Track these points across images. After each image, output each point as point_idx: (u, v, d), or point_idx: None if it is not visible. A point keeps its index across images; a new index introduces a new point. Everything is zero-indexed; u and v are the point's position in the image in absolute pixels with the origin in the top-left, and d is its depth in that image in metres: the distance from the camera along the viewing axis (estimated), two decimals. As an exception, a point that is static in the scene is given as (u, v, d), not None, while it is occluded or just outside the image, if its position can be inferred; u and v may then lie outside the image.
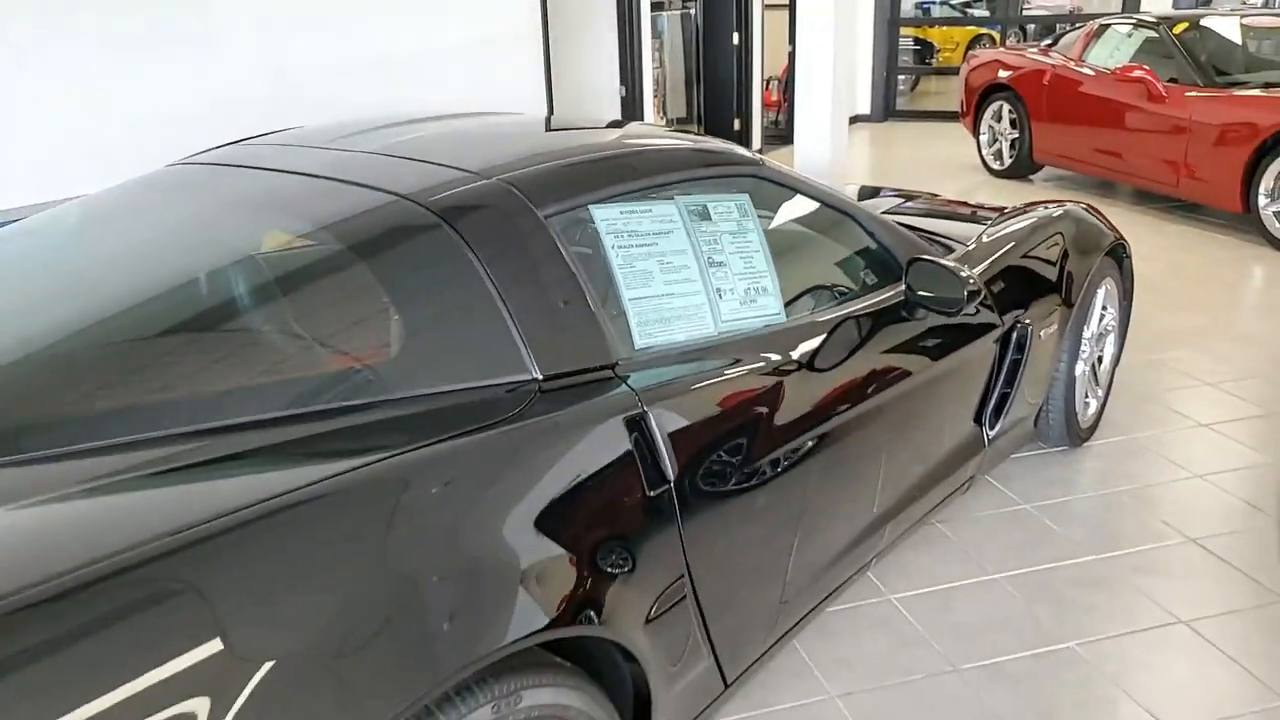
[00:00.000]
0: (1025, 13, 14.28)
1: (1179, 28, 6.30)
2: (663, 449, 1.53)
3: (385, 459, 1.24)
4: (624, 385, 1.54)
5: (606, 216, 1.72)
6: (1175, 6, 9.58)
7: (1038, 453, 3.13)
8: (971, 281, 2.08)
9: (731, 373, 1.72)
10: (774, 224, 2.06)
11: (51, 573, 0.97)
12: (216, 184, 1.84)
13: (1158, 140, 5.98)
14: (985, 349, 2.46)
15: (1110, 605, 2.38)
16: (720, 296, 1.82)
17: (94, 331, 1.47)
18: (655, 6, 7.37)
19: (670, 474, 1.53)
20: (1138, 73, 6.09)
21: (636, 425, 1.50)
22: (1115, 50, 6.63)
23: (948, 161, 8.01)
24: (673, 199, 1.83)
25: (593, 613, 1.35)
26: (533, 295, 1.54)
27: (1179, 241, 5.63)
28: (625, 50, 6.06)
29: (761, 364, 1.79)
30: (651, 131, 2.34)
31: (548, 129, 2.22)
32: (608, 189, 1.75)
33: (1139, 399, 3.53)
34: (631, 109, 6.32)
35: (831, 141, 6.20)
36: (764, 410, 1.76)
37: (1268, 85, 5.70)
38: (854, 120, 10.43)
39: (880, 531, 2.19)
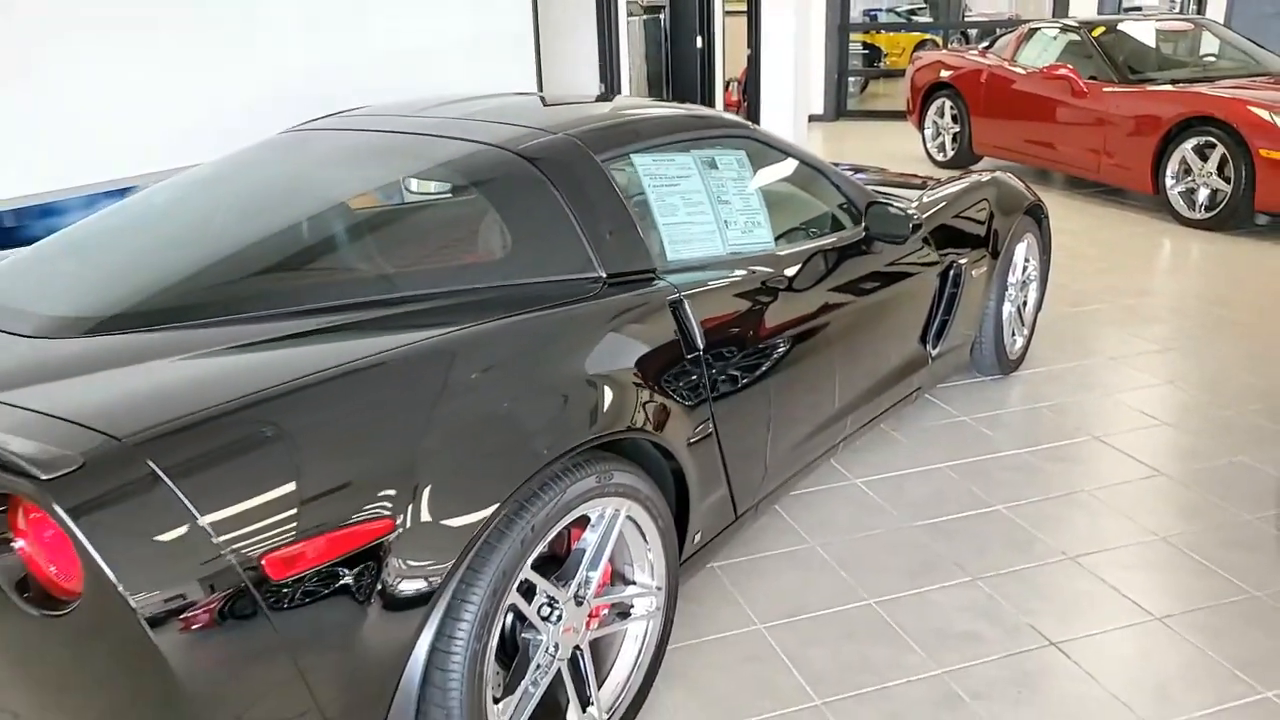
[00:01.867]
0: (966, 18, 15.16)
1: (1097, 31, 7.04)
2: (695, 326, 2.10)
3: (509, 318, 1.80)
4: (666, 281, 2.12)
5: (643, 162, 2.29)
6: (1100, 12, 10.41)
7: (974, 380, 3.76)
8: (915, 218, 2.68)
9: (737, 281, 2.30)
10: (762, 174, 2.64)
11: (260, 388, 1.47)
12: (336, 140, 2.39)
13: (1081, 131, 6.70)
14: (928, 281, 3.07)
15: (1029, 482, 3.00)
16: (726, 226, 2.40)
17: (266, 237, 2.02)
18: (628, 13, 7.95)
19: (700, 344, 2.10)
20: (1062, 71, 6.81)
21: (677, 307, 2.07)
22: (1043, 51, 7.35)
23: (896, 154, 8.70)
24: (689, 151, 2.41)
25: (656, 426, 1.92)
26: (595, 216, 2.11)
27: (1101, 220, 6.35)
28: (604, 51, 6.63)
29: (758, 277, 2.36)
30: (656, 103, 2.91)
31: (578, 102, 2.79)
32: (643, 142, 2.32)
33: (1061, 339, 4.18)
34: (609, 105, 6.89)
35: (793, 137, 6.84)
36: (760, 309, 2.33)
37: (1175, 81, 6.44)
38: (809, 120, 11.11)
39: (844, 421, 2.77)
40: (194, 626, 1.29)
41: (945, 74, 8.04)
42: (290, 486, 1.39)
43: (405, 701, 1.56)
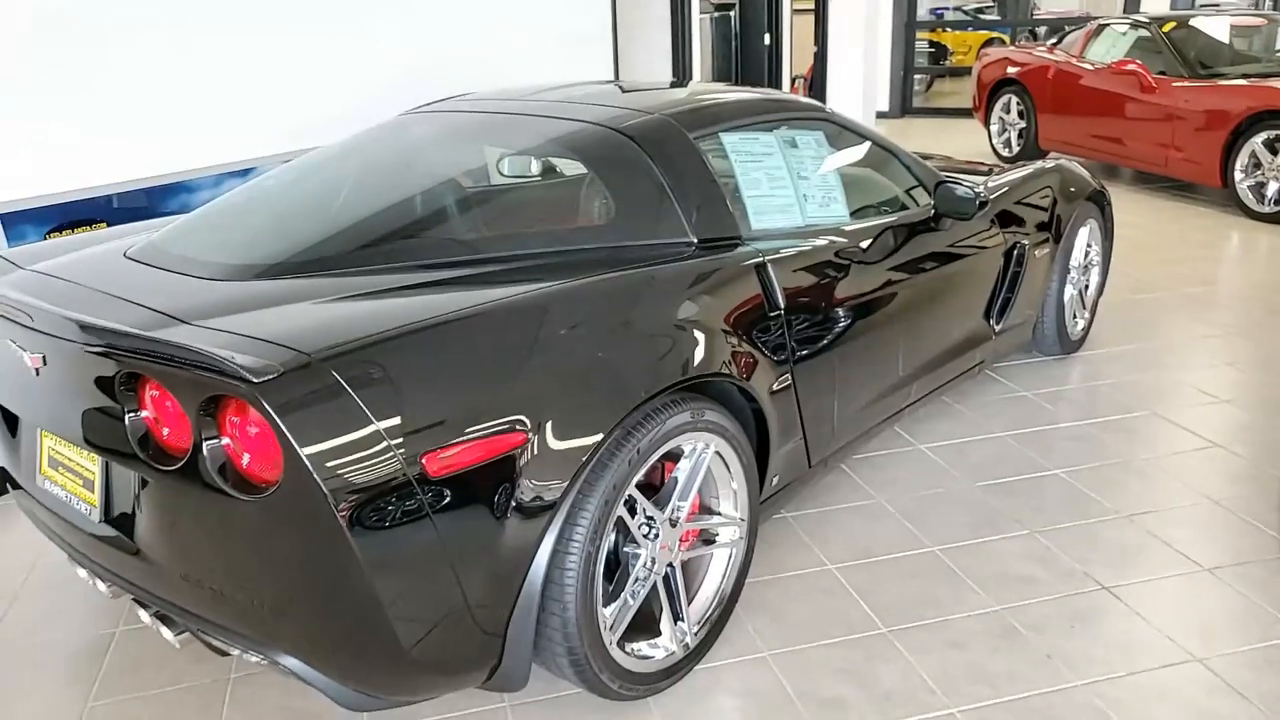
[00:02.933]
0: (1035, 16, 15.05)
1: (1168, 26, 7.07)
2: (776, 287, 2.32)
3: (616, 273, 2.04)
4: (751, 246, 2.35)
5: (730, 140, 2.52)
6: (1173, 8, 10.35)
7: (1036, 360, 3.91)
8: (981, 194, 2.87)
9: (815, 250, 2.51)
10: (838, 154, 2.84)
11: (415, 321, 1.74)
12: (454, 120, 2.66)
13: (1149, 126, 6.75)
14: (992, 259, 3.25)
15: (1086, 450, 3.16)
16: (805, 200, 2.61)
17: (401, 201, 2.31)
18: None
19: (781, 304, 2.33)
20: (1131, 66, 6.87)
21: (761, 270, 2.30)
22: (1112, 47, 7.40)
23: (961, 150, 8.76)
24: (771, 131, 2.63)
25: (742, 373, 2.15)
26: (688, 188, 2.34)
27: (1167, 213, 6.40)
28: (677, 48, 6.87)
29: (833, 248, 2.57)
30: (734, 87, 3.13)
31: (665, 88, 3.03)
32: (731, 121, 2.55)
33: (1123, 323, 4.31)
34: (680, 100, 7.13)
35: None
36: (835, 277, 2.55)
37: (1246, 76, 6.47)
38: (875, 117, 11.23)
39: (910, 386, 2.96)
40: (369, 510, 1.55)
41: (1012, 70, 8.12)
42: (442, 400, 1.66)
43: (529, 596, 1.81)
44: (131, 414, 1.72)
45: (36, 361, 1.85)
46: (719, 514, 2.24)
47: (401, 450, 1.58)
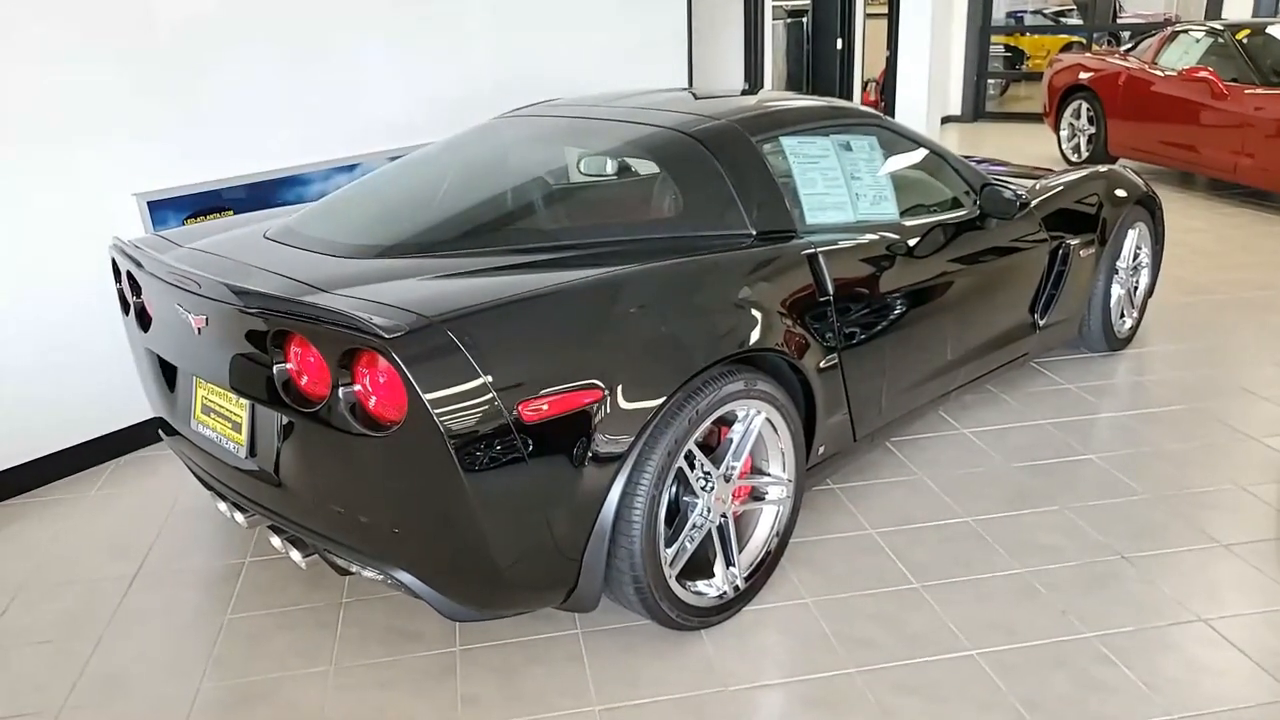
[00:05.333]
0: (1119, 20, 14.86)
1: (1242, 34, 7.10)
2: (826, 276, 2.60)
3: (683, 259, 2.35)
4: (804, 239, 2.63)
5: (789, 143, 2.81)
6: (1255, 14, 10.23)
7: (1082, 356, 4.10)
8: (1023, 197, 3.10)
9: (864, 244, 2.78)
10: (890, 157, 3.10)
11: (512, 293, 2.08)
12: (542, 123, 3.00)
13: (1220, 133, 6.80)
14: (1037, 257, 3.47)
15: (1123, 438, 3.37)
16: (857, 198, 2.89)
17: (499, 193, 2.64)
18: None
19: (830, 291, 2.61)
20: (1202, 73, 6.92)
21: (813, 260, 2.58)
22: (1185, 54, 7.45)
23: (1032, 155, 8.87)
24: (827, 135, 2.91)
25: (794, 350, 2.44)
26: (749, 185, 2.64)
27: (1235, 220, 6.45)
28: (750, 52, 7.15)
29: (882, 242, 2.84)
30: (799, 95, 3.41)
31: (734, 95, 3.32)
32: (790, 126, 2.84)
33: (1173, 324, 4.46)
34: (751, 103, 7.41)
35: (925, 134, 7.18)
36: (882, 268, 2.81)
37: (1319, 84, 6.48)
38: (946, 120, 11.33)
39: (955, 372, 3.21)
40: (476, 447, 1.89)
41: (1083, 76, 8.19)
42: (533, 360, 1.99)
43: (602, 530, 2.13)
44: (279, 364, 2.08)
45: (200, 322, 2.24)
46: (768, 474, 2.53)
47: (501, 399, 1.91)
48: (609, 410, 2.05)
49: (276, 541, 2.32)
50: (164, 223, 3.53)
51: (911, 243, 2.93)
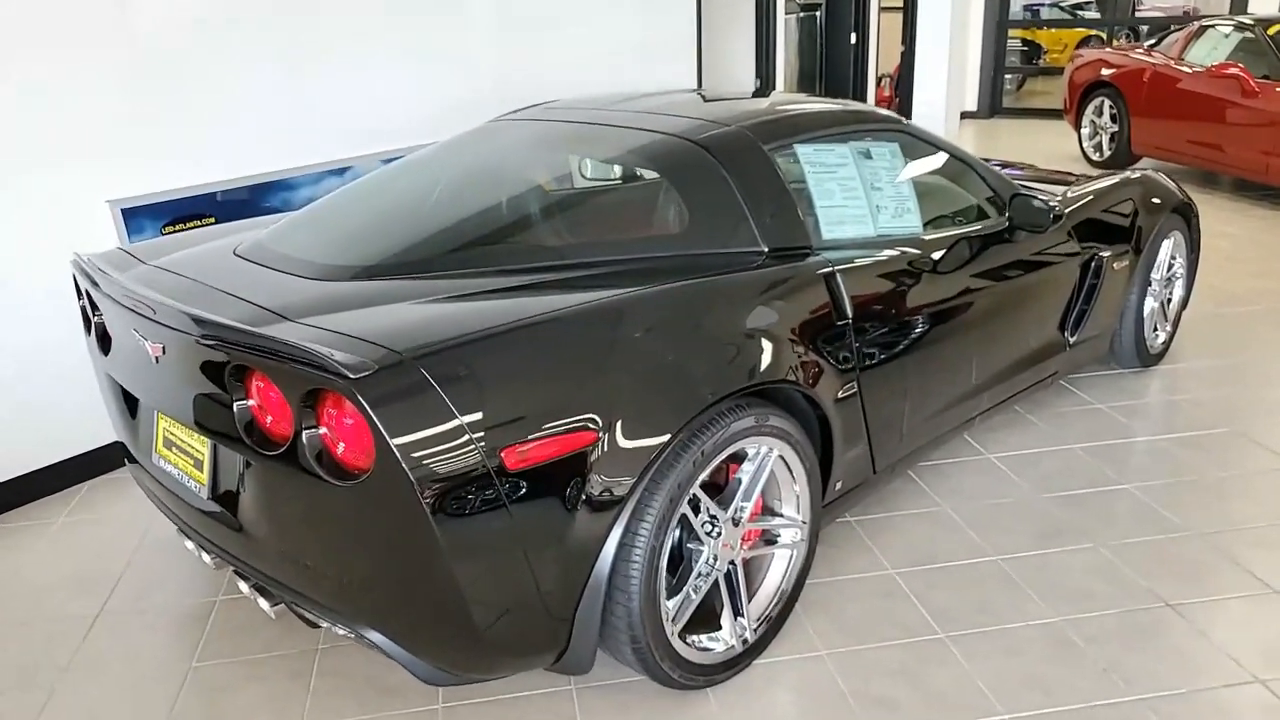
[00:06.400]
0: (1138, 14, 14.55)
1: (1274, 29, 6.83)
2: (844, 297, 2.39)
3: (686, 281, 2.13)
4: (821, 257, 2.41)
5: (804, 151, 2.59)
6: (1282, 8, 9.93)
7: (1113, 372, 3.87)
8: (1056, 209, 2.87)
9: (885, 260, 2.56)
10: (912, 165, 2.88)
11: (495, 323, 1.87)
12: (537, 129, 2.78)
13: (1250, 132, 6.53)
14: (1068, 271, 3.24)
15: (1161, 465, 3.14)
16: (878, 211, 2.66)
17: (486, 208, 2.43)
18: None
19: (849, 313, 2.39)
20: (1232, 70, 6.65)
21: (830, 279, 2.37)
22: (1213, 50, 7.18)
23: (1050, 153, 8.61)
24: (845, 142, 2.69)
25: (807, 381, 2.22)
26: (760, 198, 2.42)
27: (1265, 223, 6.20)
28: (761, 48, 6.92)
29: (905, 258, 2.62)
30: (814, 98, 3.19)
31: (746, 98, 3.10)
32: (805, 133, 2.62)
33: (1207, 337, 4.22)
34: (762, 101, 7.18)
35: (944, 133, 6.94)
36: (906, 287, 2.59)
37: (1355, 81, 6.21)
38: (962, 116, 11.06)
39: (981, 396, 2.99)
40: (452, 498, 1.68)
41: (1106, 72, 7.93)
42: (521, 397, 1.77)
43: (596, 585, 1.92)
44: (239, 402, 1.88)
45: (157, 350, 2.03)
46: (781, 515, 2.32)
47: (482, 444, 1.70)
48: (605, 451, 1.84)
49: (244, 587, 2.12)
50: (140, 231, 3.32)
51: (936, 258, 2.71)
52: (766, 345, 2.16)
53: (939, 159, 2.99)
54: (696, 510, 2.08)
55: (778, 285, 2.27)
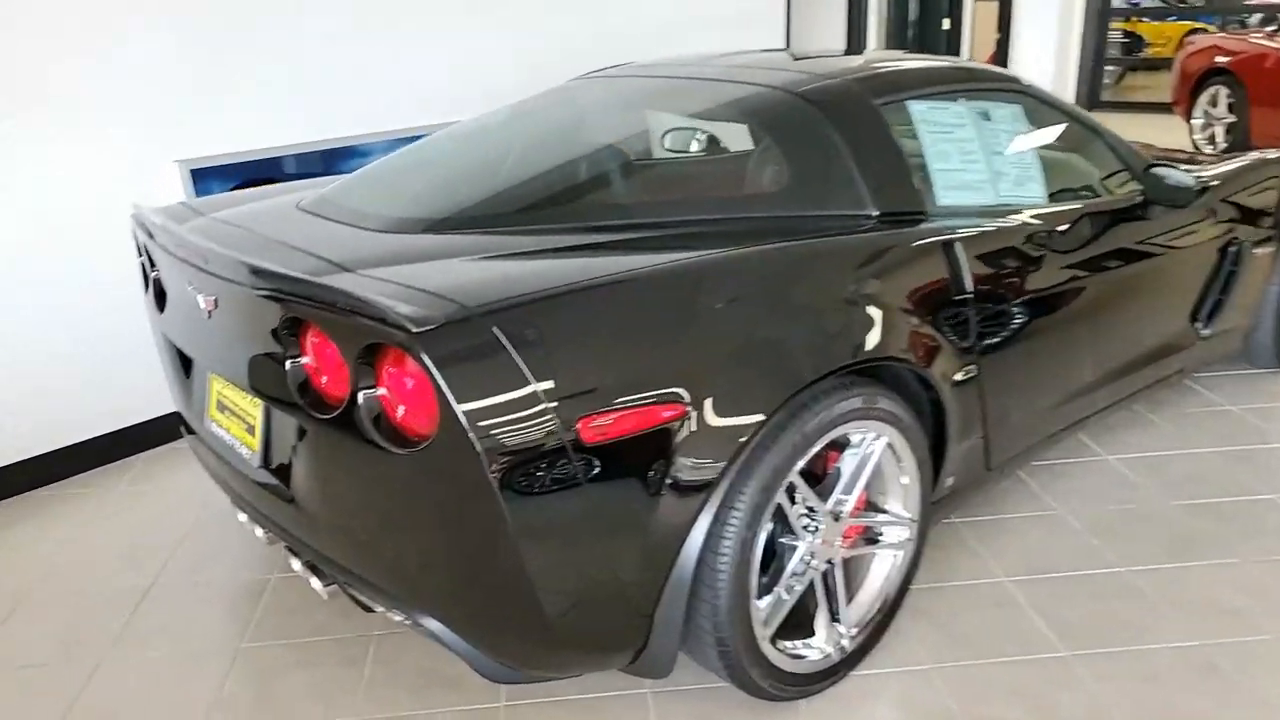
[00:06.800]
0: (1246, 2, 13.77)
1: None
2: (965, 269, 2.12)
3: (792, 242, 1.90)
4: (939, 222, 2.15)
5: (918, 109, 2.33)
6: None
7: (1244, 372, 3.51)
8: (1199, 181, 2.56)
9: (1008, 231, 2.29)
10: (1035, 130, 2.59)
11: (579, 280, 1.64)
12: (624, 85, 2.57)
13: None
14: (1204, 256, 2.91)
15: (1308, 474, 2.80)
16: (998, 177, 2.39)
17: (571, 161, 2.24)
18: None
19: (969, 287, 2.12)
20: (1369, 54, 6.13)
21: (949, 248, 2.10)
22: (1345, 34, 6.64)
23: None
24: (962, 101, 2.42)
25: (922, 359, 1.97)
26: (870, 157, 2.17)
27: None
28: (851, 31, 6.61)
29: (1028, 231, 2.34)
30: (918, 55, 2.91)
31: (844, 56, 2.84)
32: (918, 89, 2.36)
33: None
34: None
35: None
36: (1030, 264, 2.31)
37: None
38: (1058, 109, 10.55)
39: (1101, 390, 2.68)
40: (522, 473, 1.48)
41: (1221, 59, 7.41)
42: (600, 364, 1.56)
43: (680, 579, 1.70)
44: (293, 359, 1.70)
45: (209, 304, 1.88)
46: (886, 512, 2.07)
47: (557, 413, 1.50)
48: (692, 428, 1.62)
49: (296, 565, 1.95)
50: (208, 193, 3.21)
51: (1062, 233, 2.42)
52: (877, 317, 1.91)
53: (1064, 124, 2.69)
54: (793, 501, 1.85)
55: (891, 251, 2.01)
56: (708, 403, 1.64)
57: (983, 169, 2.37)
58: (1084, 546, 2.46)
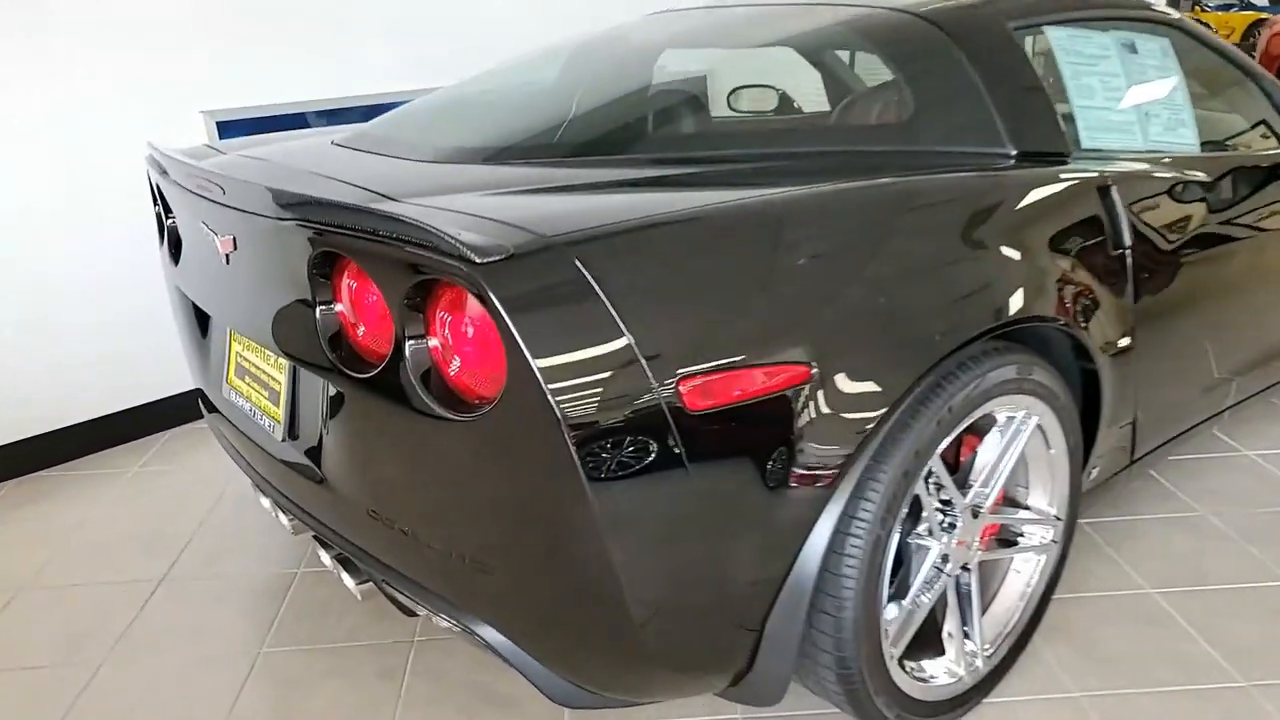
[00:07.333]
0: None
1: None
2: (1123, 218, 1.77)
3: (944, 175, 1.56)
4: (1085, 166, 1.80)
5: (1057, 36, 1.98)
6: None
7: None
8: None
9: (1166, 180, 1.94)
10: (1188, 70, 2.23)
11: (679, 210, 1.32)
12: (716, 14, 2.24)
13: None
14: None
15: None
16: (1146, 119, 2.03)
17: (667, 85, 1.90)
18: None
19: (1127, 240, 1.77)
20: None
21: (1105, 194, 1.76)
22: None
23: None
24: (1106, 30, 2.06)
25: (1082, 323, 1.63)
26: (1006, 88, 1.82)
27: None
28: None
29: (1180, 182, 1.99)
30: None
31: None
32: (1058, 14, 2.01)
33: None
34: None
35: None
36: (1184, 221, 1.96)
37: None
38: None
39: (1258, 371, 2.31)
40: (611, 445, 1.16)
41: (1313, 37, 6.95)
42: (710, 310, 1.24)
43: (798, 586, 1.36)
44: (324, 306, 1.40)
45: (227, 245, 1.57)
46: (1028, 508, 1.73)
47: (653, 371, 1.18)
48: (821, 397, 1.29)
49: (326, 559, 1.65)
50: (236, 148, 2.93)
51: (1217, 187, 2.07)
52: (1032, 270, 1.57)
53: (1218, 66, 2.33)
54: (928, 492, 1.52)
55: (1041, 192, 1.67)
56: (838, 365, 1.31)
57: (1129, 108, 2.01)
58: (1239, 555, 2.10)
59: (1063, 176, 1.73)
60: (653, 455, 1.19)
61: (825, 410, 1.29)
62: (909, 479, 1.40)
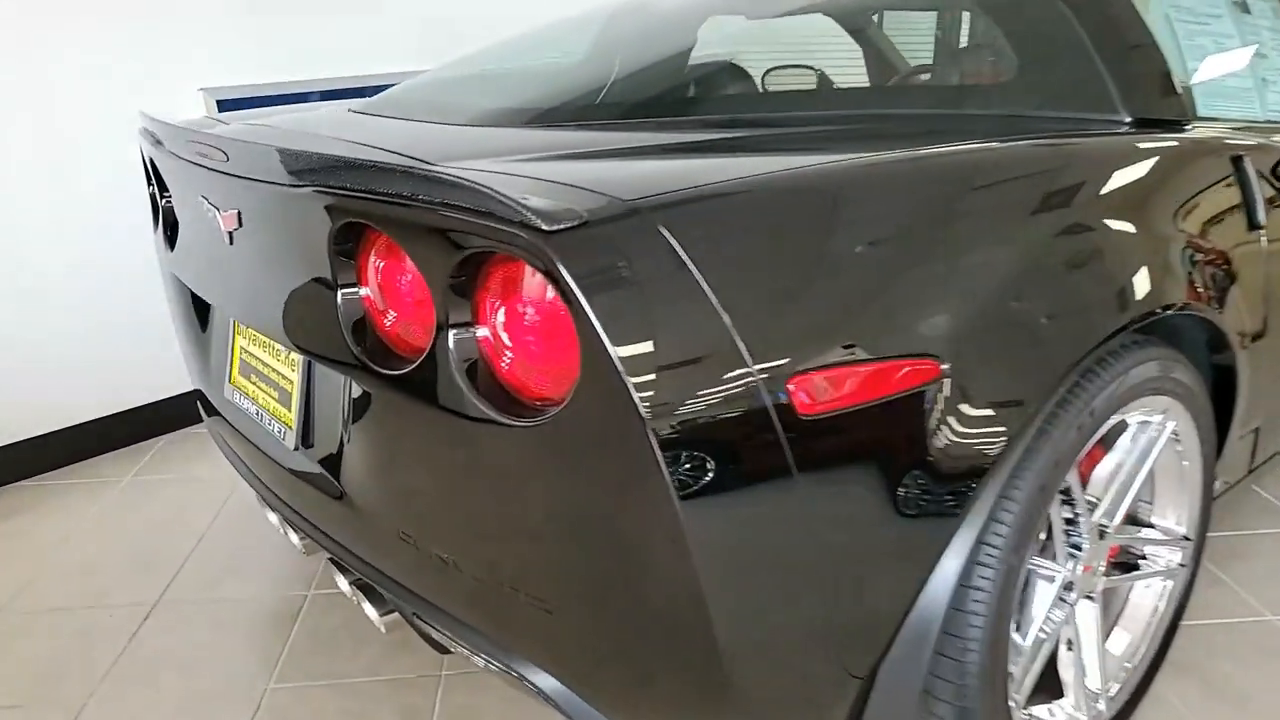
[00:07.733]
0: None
1: None
2: (1257, 194, 1.55)
3: (1073, 140, 1.34)
4: (1209, 134, 1.58)
5: (1167, -9, 1.76)
6: None
7: None
8: None
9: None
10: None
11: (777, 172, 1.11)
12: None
13: None
14: None
15: None
16: (1265, 85, 1.81)
17: (732, 45, 1.67)
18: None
19: (1262, 219, 1.55)
20: None
21: (1239, 165, 1.53)
22: None
23: None
24: (1216, -12, 1.84)
25: (1220, 306, 1.41)
26: (1118, 46, 1.60)
27: None
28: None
29: (1303, 157, 1.76)
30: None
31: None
32: (1166, -34, 1.78)
33: None
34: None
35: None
36: (1309, 199, 1.74)
37: None
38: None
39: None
40: (705, 454, 0.93)
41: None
42: (819, 292, 1.01)
43: (921, 625, 1.14)
44: (346, 290, 1.17)
45: (230, 221, 1.35)
46: (1153, 526, 1.50)
47: (759, 361, 0.95)
48: (951, 399, 1.06)
49: (343, 584, 1.42)
50: (238, 131, 2.71)
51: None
52: (1172, 251, 1.35)
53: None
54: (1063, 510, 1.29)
55: (1173, 162, 1.44)
56: (972, 360, 1.08)
57: (1247, 74, 1.79)
58: (1367, 576, 1.88)
59: (1198, 147, 1.50)
60: (755, 467, 0.96)
61: (958, 414, 1.07)
62: (1047, 494, 1.18)
